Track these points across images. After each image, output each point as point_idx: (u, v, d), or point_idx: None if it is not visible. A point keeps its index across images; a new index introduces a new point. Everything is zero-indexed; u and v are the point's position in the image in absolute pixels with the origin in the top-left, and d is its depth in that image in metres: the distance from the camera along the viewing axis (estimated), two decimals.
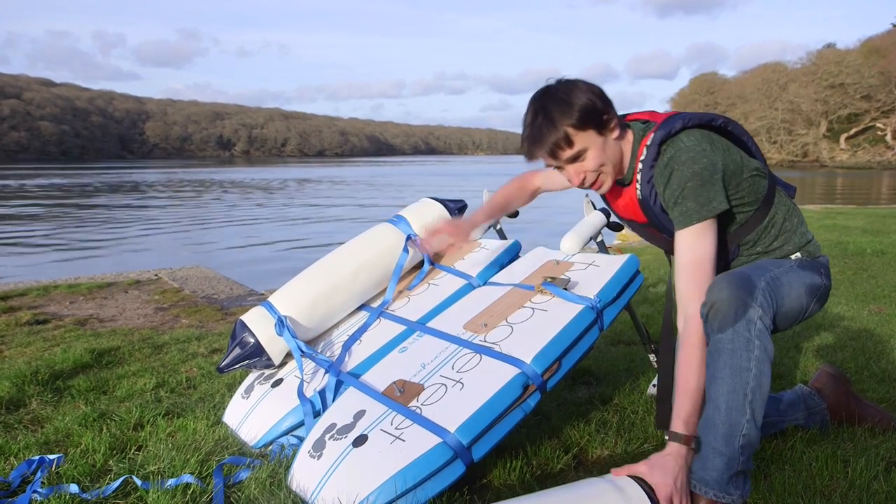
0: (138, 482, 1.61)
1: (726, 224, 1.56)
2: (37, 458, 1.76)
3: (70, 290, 4.72)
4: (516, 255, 2.32)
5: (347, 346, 2.04)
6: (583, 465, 1.74)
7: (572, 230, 2.17)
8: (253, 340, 2.02)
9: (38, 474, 1.67)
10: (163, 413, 2.12)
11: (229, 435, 1.94)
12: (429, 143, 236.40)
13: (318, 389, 1.87)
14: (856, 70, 54.61)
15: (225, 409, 2.09)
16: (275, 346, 2.04)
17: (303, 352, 2.02)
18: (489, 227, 2.55)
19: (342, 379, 1.87)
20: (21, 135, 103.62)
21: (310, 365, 2.01)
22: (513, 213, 2.62)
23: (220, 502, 1.53)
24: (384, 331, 2.07)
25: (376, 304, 2.26)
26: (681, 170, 1.45)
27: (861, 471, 1.57)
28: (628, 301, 1.92)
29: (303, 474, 1.57)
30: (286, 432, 1.84)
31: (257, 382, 2.08)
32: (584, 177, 1.53)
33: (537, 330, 1.75)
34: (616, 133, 1.52)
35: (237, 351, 2.03)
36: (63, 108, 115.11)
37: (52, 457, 1.77)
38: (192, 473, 1.63)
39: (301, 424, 1.83)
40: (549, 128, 1.46)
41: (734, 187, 1.51)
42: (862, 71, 54.13)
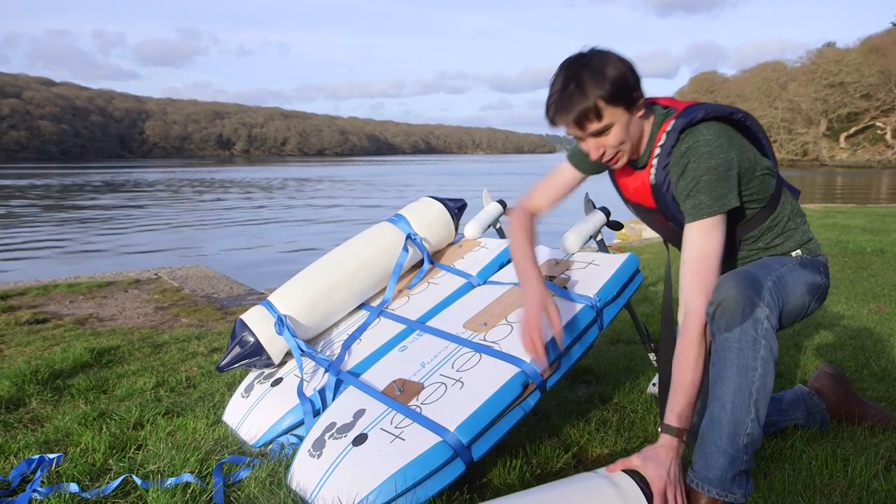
0: (138, 481, 1.61)
1: (733, 220, 1.54)
2: (36, 457, 1.76)
3: (70, 290, 4.72)
4: None
5: (347, 345, 2.04)
6: (582, 463, 1.74)
7: (572, 229, 2.17)
8: (253, 339, 2.02)
9: (38, 473, 1.67)
10: (162, 412, 2.12)
11: (229, 434, 1.94)
12: (429, 143, 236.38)
13: (317, 388, 1.87)
14: (855, 69, 54.60)
15: (225, 408, 2.09)
16: (274, 345, 2.04)
17: (302, 351, 2.01)
18: (489, 226, 2.55)
19: (342, 378, 1.87)
20: (21, 134, 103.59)
21: (309, 364, 2.01)
22: None
23: (220, 501, 1.53)
24: (384, 330, 2.07)
25: (376, 303, 2.26)
26: (697, 162, 1.43)
27: (861, 469, 1.57)
28: (628, 300, 1.92)
29: (303, 473, 1.57)
30: (286, 431, 1.84)
31: (257, 381, 2.08)
32: (604, 151, 1.50)
33: None
34: (641, 112, 1.50)
35: (237, 350, 2.03)
36: (63, 107, 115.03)
37: (51, 456, 1.77)
38: (191, 472, 1.63)
39: (301, 423, 1.83)
40: (580, 97, 1.41)
41: (745, 184, 1.50)
42: (862, 70, 54.12)
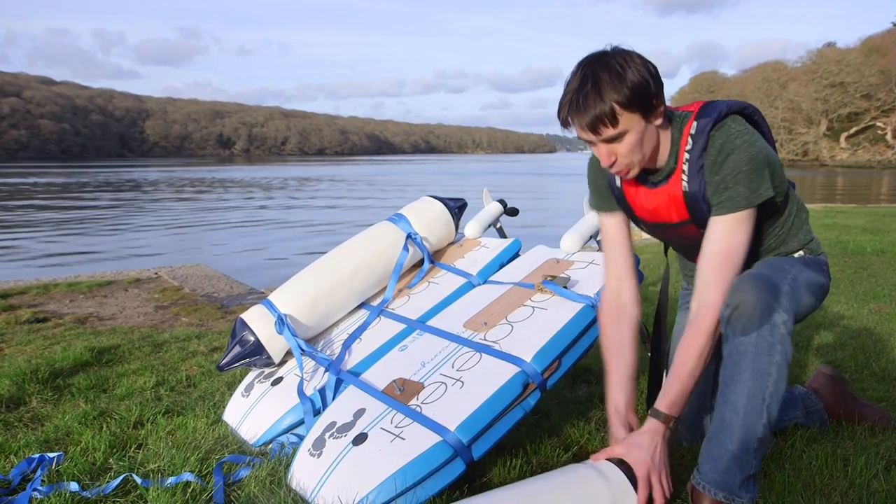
0: (138, 480, 1.61)
1: (761, 215, 1.49)
2: (37, 456, 1.76)
3: (70, 289, 4.72)
4: (516, 253, 2.32)
5: (347, 345, 2.05)
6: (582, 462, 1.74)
7: (572, 228, 2.17)
8: (253, 339, 2.02)
9: (38, 472, 1.67)
10: (163, 411, 2.12)
11: (229, 433, 1.94)
12: (429, 142, 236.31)
13: (317, 388, 1.87)
14: (856, 69, 54.57)
15: (225, 407, 2.09)
16: (275, 344, 2.04)
17: (303, 350, 2.01)
18: (489, 225, 2.55)
19: (342, 377, 1.87)
20: (21, 133, 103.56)
21: (310, 363, 2.01)
22: (513, 211, 2.62)
23: (220, 500, 1.53)
24: (384, 329, 2.07)
25: (376, 303, 2.26)
26: (737, 153, 1.37)
27: (861, 469, 1.57)
28: None
29: (303, 473, 1.57)
30: (286, 430, 1.84)
31: (257, 381, 2.08)
32: (615, 160, 1.40)
33: (537, 328, 1.75)
34: (660, 121, 1.40)
35: (237, 349, 2.03)
36: (63, 106, 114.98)
37: (52, 455, 1.77)
38: (191, 472, 1.63)
39: (301, 423, 1.83)
40: (596, 99, 1.31)
41: (775, 177, 1.46)
42: (862, 70, 54.10)
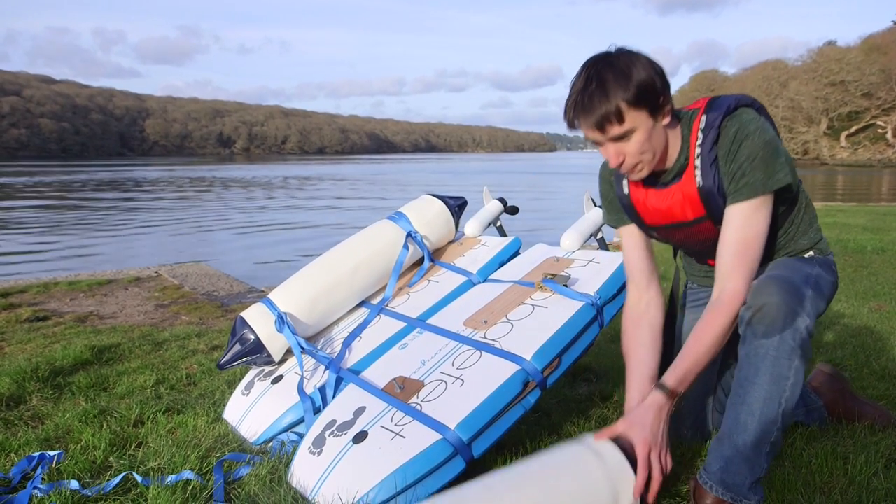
0: (138, 478, 1.61)
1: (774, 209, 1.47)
2: (37, 454, 1.76)
3: (70, 287, 4.73)
4: (516, 251, 2.32)
5: (347, 343, 2.05)
6: None
7: (572, 227, 2.17)
8: (253, 337, 2.02)
9: (39, 470, 1.67)
10: (163, 410, 2.12)
11: (229, 431, 1.95)
12: (429, 141, 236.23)
13: (318, 386, 1.87)
14: (856, 67, 54.51)
15: (225, 405, 2.09)
16: (275, 342, 2.04)
17: (303, 348, 2.01)
18: (489, 224, 2.55)
19: (342, 375, 1.87)
20: (21, 132, 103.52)
21: (310, 362, 2.01)
22: (513, 209, 2.62)
23: (221, 498, 1.53)
24: (384, 327, 2.07)
25: (376, 301, 2.26)
26: (752, 139, 1.36)
27: (861, 467, 1.57)
28: None
29: (303, 471, 1.57)
30: (286, 429, 1.84)
31: (257, 379, 2.08)
32: (623, 160, 1.39)
33: (537, 327, 1.75)
34: (667, 120, 1.40)
35: (237, 347, 2.03)
36: (63, 105, 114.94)
37: (52, 453, 1.77)
38: (192, 470, 1.63)
39: (301, 421, 1.83)
40: (602, 98, 1.31)
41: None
42: (863, 68, 54.04)
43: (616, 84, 1.31)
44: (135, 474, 1.63)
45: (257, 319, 2.04)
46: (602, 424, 1.93)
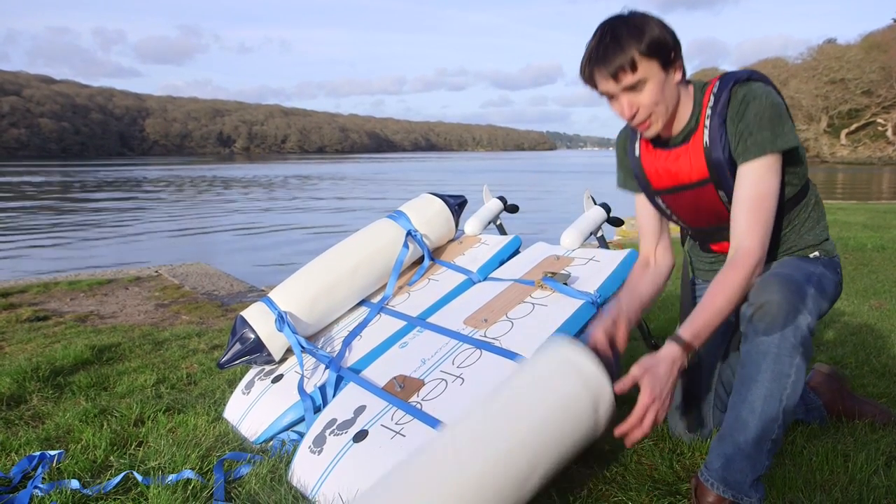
0: (139, 478, 1.61)
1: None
2: (38, 453, 1.76)
3: (70, 287, 4.73)
4: (516, 250, 2.32)
5: (348, 342, 2.05)
6: (583, 459, 1.74)
7: (572, 225, 2.17)
8: (253, 336, 2.02)
9: (39, 470, 1.67)
10: (163, 409, 2.12)
11: (230, 431, 1.95)
12: (429, 140, 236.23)
13: (318, 385, 1.87)
14: (856, 65, 54.49)
15: (225, 405, 2.09)
16: (275, 341, 2.04)
17: (303, 347, 2.02)
18: (489, 222, 2.55)
19: (342, 374, 1.87)
20: (21, 132, 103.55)
21: (310, 360, 2.01)
22: (513, 208, 2.62)
23: (221, 498, 1.53)
24: (384, 326, 2.07)
25: (376, 300, 2.26)
26: (759, 100, 1.39)
27: (861, 465, 1.57)
28: None
29: (303, 470, 1.57)
30: (287, 428, 1.84)
31: (258, 378, 2.08)
32: (637, 111, 1.43)
33: (538, 325, 1.75)
34: (679, 76, 1.45)
35: (237, 347, 2.03)
36: (63, 104, 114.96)
37: (52, 453, 1.77)
38: (192, 469, 1.63)
39: (301, 420, 1.83)
40: (616, 49, 1.37)
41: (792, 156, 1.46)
42: (863, 66, 54.01)
43: (629, 36, 1.37)
44: (135, 473, 1.63)
45: (257, 318, 2.04)
46: None
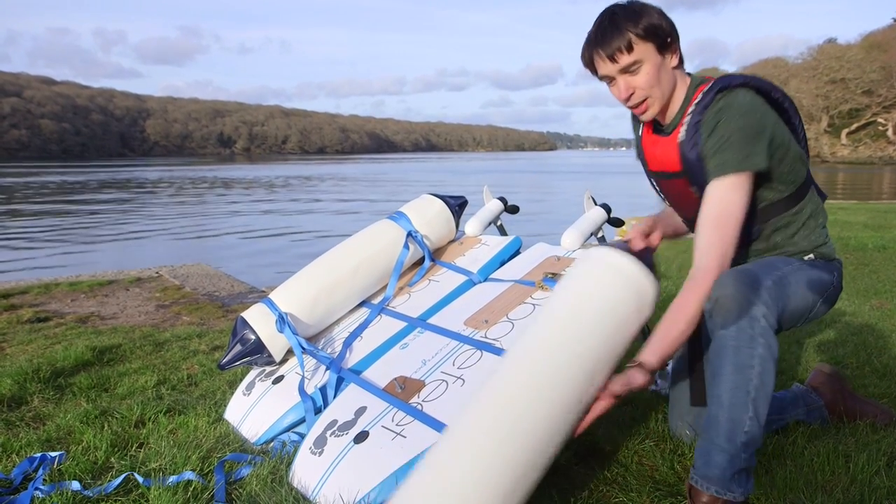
0: (140, 479, 1.61)
1: (757, 198, 1.52)
2: (39, 455, 1.76)
3: (71, 288, 4.73)
4: (517, 251, 2.32)
5: (348, 343, 2.05)
6: (584, 460, 1.74)
7: (573, 226, 2.17)
8: (254, 337, 2.02)
9: (40, 471, 1.67)
10: (164, 410, 2.12)
11: (230, 432, 1.95)
12: (429, 140, 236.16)
13: (319, 386, 1.87)
14: (857, 65, 54.43)
15: (226, 406, 2.09)
16: (276, 342, 2.04)
17: (304, 348, 2.02)
18: (490, 223, 2.55)
19: (343, 375, 1.87)
20: (21, 133, 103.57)
21: (311, 362, 2.01)
22: (514, 209, 2.62)
23: (222, 499, 1.53)
24: (385, 327, 2.07)
25: (377, 301, 2.26)
26: (728, 121, 1.42)
27: (863, 466, 1.57)
28: None
29: (304, 471, 1.57)
30: (287, 429, 1.84)
31: (258, 379, 2.08)
32: (633, 93, 1.49)
33: None
34: (675, 62, 1.50)
35: (238, 348, 2.03)
36: (63, 105, 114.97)
37: (53, 454, 1.77)
38: (193, 470, 1.63)
39: (302, 421, 1.83)
40: (614, 31, 1.45)
41: (778, 159, 1.47)
42: (863, 66, 53.96)
43: (626, 19, 1.45)
44: (136, 475, 1.63)
45: (258, 320, 2.04)
46: (603, 422, 1.93)
